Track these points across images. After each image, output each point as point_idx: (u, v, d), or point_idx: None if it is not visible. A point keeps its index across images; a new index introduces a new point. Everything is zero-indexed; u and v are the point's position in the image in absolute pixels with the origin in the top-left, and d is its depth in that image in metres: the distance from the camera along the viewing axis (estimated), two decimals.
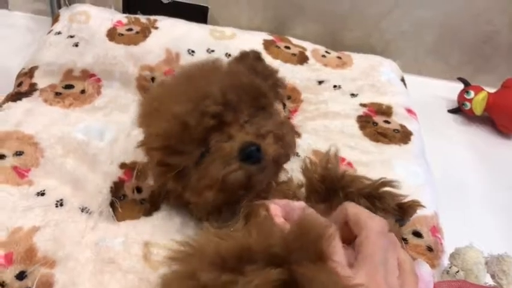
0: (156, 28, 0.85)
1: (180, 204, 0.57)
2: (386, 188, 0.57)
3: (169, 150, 0.51)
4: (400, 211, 0.58)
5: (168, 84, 0.56)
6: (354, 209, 0.43)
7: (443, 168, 0.80)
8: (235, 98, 0.51)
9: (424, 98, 0.95)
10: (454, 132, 0.90)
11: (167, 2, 0.64)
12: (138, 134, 0.67)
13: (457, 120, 0.92)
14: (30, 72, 0.75)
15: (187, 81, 0.54)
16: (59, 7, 0.90)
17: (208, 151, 0.50)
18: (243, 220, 0.49)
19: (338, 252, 0.38)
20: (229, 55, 0.84)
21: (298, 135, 0.65)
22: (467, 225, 0.72)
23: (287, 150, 0.54)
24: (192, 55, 0.82)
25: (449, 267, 0.58)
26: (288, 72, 0.84)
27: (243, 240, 0.37)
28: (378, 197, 0.56)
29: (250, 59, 0.62)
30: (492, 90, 0.90)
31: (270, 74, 0.62)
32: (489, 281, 0.55)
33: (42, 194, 0.59)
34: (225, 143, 0.49)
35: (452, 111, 0.93)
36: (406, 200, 0.59)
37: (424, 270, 0.50)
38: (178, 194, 0.54)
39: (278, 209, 0.48)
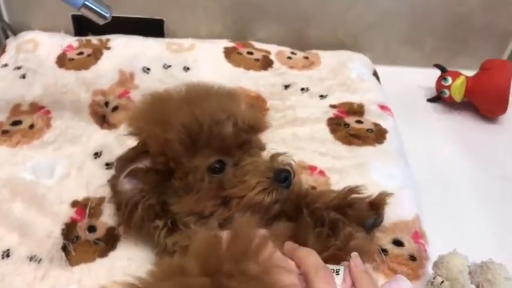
0: (109, 48, 0.81)
1: (147, 217, 0.51)
2: (354, 195, 0.56)
3: (189, 146, 0.49)
4: (373, 209, 0.56)
5: (183, 90, 0.53)
6: (287, 246, 0.46)
7: (426, 163, 0.75)
8: (258, 125, 0.53)
9: (401, 89, 0.90)
10: (436, 122, 0.85)
11: (103, 23, 0.58)
12: (91, 166, 0.64)
13: (437, 109, 0.87)
14: None
15: (210, 93, 0.53)
16: (6, 37, 0.85)
17: (227, 164, 0.50)
18: None
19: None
20: (188, 68, 0.80)
21: None
22: (457, 225, 0.67)
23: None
24: (148, 73, 0.78)
25: (434, 278, 0.53)
26: (251, 80, 0.79)
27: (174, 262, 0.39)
28: (348, 205, 0.55)
29: None
30: (472, 74, 0.85)
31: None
32: None
33: None
34: (259, 159, 0.51)
35: (431, 100, 0.88)
36: (374, 196, 0.57)
37: (400, 286, 0.46)
38: (153, 202, 0.50)
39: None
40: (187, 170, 0.50)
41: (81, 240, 0.56)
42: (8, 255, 0.54)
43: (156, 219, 0.51)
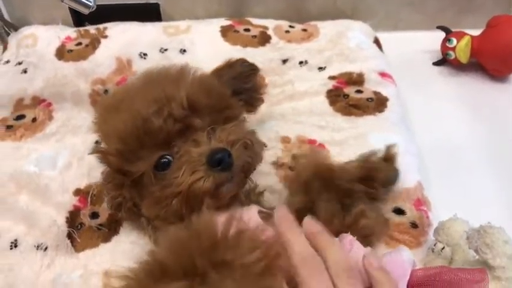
0: (106, 37, 0.81)
1: (132, 217, 0.53)
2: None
3: (127, 154, 0.48)
4: (389, 165, 0.55)
5: (131, 84, 0.53)
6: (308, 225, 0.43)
7: (434, 129, 0.74)
8: (203, 104, 0.49)
9: (405, 54, 0.87)
10: (443, 85, 0.83)
11: (88, 12, 0.59)
12: (92, 156, 0.65)
13: (444, 73, 0.84)
14: None
15: (152, 83, 0.51)
16: (8, 34, 0.87)
17: (171, 157, 0.47)
18: None
19: None
20: (184, 51, 0.79)
21: (265, 145, 0.61)
22: (466, 191, 0.65)
23: (255, 160, 0.51)
24: (145, 58, 0.78)
25: (434, 245, 0.53)
26: (249, 57, 0.77)
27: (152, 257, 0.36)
28: (374, 170, 0.53)
29: (240, 69, 0.60)
30: (479, 33, 0.82)
31: (256, 89, 0.61)
32: None
33: None
34: (193, 148, 0.46)
35: (437, 63, 0.86)
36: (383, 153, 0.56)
37: (402, 258, 0.46)
38: (131, 205, 0.51)
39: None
40: (136, 176, 0.49)
41: (85, 227, 0.58)
42: (15, 246, 0.56)
43: (142, 217, 0.52)
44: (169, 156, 0.48)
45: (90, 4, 0.58)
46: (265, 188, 0.57)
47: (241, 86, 0.58)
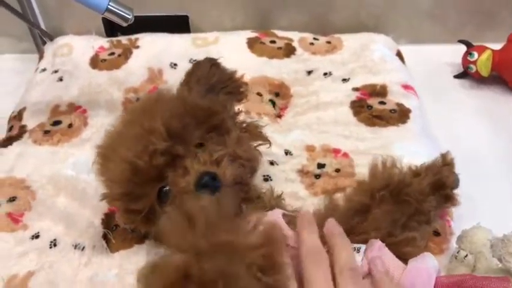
0: (138, 47, 0.85)
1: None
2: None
3: (129, 197, 0.50)
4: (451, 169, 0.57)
5: (117, 128, 0.54)
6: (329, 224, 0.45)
7: (455, 140, 0.75)
8: (181, 127, 0.49)
9: (427, 66, 0.90)
10: (464, 98, 0.84)
11: (126, 24, 0.62)
12: None
13: (465, 85, 0.86)
14: (19, 115, 0.76)
15: (133, 120, 0.52)
16: (44, 43, 0.91)
17: (167, 189, 0.49)
18: None
19: None
20: None
21: (269, 143, 0.61)
22: (487, 201, 0.66)
23: (249, 165, 0.52)
24: (175, 68, 0.81)
25: (457, 252, 0.54)
26: (275, 68, 0.81)
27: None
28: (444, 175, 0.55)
29: (203, 68, 0.60)
30: (500, 47, 0.84)
31: (229, 78, 0.61)
32: None
33: (36, 236, 0.60)
34: (181, 177, 0.47)
35: (458, 76, 0.87)
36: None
37: (427, 264, 0.47)
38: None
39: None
40: (145, 212, 0.50)
41: (119, 229, 0.60)
42: (55, 245, 0.59)
43: None
44: (168, 186, 0.49)
45: (129, 17, 0.61)
46: (282, 191, 0.58)
47: (209, 84, 0.58)
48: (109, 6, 0.59)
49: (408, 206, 0.51)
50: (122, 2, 0.62)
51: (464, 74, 0.87)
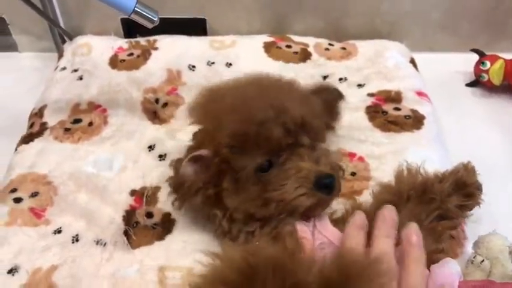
0: (156, 49, 0.86)
1: (206, 205, 0.55)
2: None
3: (237, 150, 0.51)
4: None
5: (242, 87, 0.56)
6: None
7: (466, 148, 0.76)
8: (311, 123, 0.52)
9: (440, 74, 0.91)
10: (475, 106, 0.86)
11: (152, 26, 0.63)
12: (146, 159, 0.69)
13: (477, 94, 0.88)
14: (40, 112, 0.78)
15: (267, 90, 0.54)
16: (63, 42, 0.92)
17: (273, 165, 0.51)
18: (270, 239, 0.50)
19: None
20: (230, 64, 0.84)
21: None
22: (497, 208, 0.67)
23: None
24: (193, 70, 0.82)
25: (474, 257, 0.56)
26: (291, 72, 0.82)
27: (276, 255, 0.38)
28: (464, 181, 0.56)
29: (327, 94, 0.64)
30: (510, 57, 0.86)
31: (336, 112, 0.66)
32: None
33: (59, 231, 0.61)
34: (302, 162, 0.50)
35: (470, 84, 0.89)
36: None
37: (450, 270, 0.48)
38: (212, 194, 0.54)
39: (307, 231, 0.49)
40: (236, 170, 0.52)
41: (140, 226, 0.61)
42: (77, 240, 0.60)
43: (215, 208, 0.54)
44: (272, 163, 0.51)
45: (155, 19, 0.63)
46: None
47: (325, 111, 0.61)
48: (136, 8, 0.61)
49: (433, 205, 0.53)
50: (147, 4, 0.63)
51: (476, 83, 0.88)
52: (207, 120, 0.56)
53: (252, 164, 0.51)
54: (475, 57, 0.88)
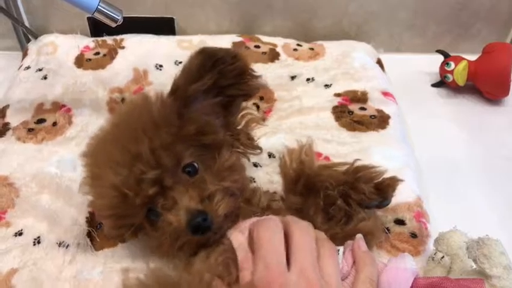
0: (123, 48, 0.85)
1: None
2: (360, 174, 0.55)
3: (116, 217, 0.51)
4: (379, 193, 0.55)
5: (102, 140, 0.51)
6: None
7: (432, 146, 0.78)
8: (169, 153, 0.47)
9: (406, 75, 0.93)
10: (440, 106, 0.87)
11: (115, 25, 0.63)
12: None
13: (442, 94, 0.90)
14: (2, 112, 0.76)
15: (117, 138, 0.49)
16: (28, 41, 0.90)
17: (156, 210, 0.48)
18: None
19: None
20: None
21: (261, 150, 0.62)
22: (462, 205, 0.69)
23: (238, 191, 0.52)
24: (160, 70, 0.82)
25: (434, 254, 0.56)
26: (259, 73, 0.82)
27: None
28: (353, 188, 0.54)
29: (223, 61, 0.52)
30: (475, 58, 0.88)
31: (242, 73, 0.54)
32: None
33: (20, 234, 0.60)
34: (170, 214, 0.47)
35: (435, 85, 0.91)
36: (384, 177, 0.55)
37: (405, 265, 0.49)
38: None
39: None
40: (129, 229, 0.51)
41: (103, 227, 0.60)
42: (39, 242, 0.59)
43: None
44: (156, 209, 0.49)
45: (118, 18, 0.62)
46: (268, 189, 0.60)
47: (208, 82, 0.51)
48: (99, 7, 0.60)
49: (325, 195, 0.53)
50: (111, 3, 0.62)
51: (441, 83, 0.90)
52: (88, 190, 0.54)
53: (137, 220, 0.50)
54: (440, 58, 0.90)
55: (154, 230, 0.50)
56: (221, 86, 0.53)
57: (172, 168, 0.48)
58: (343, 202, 0.53)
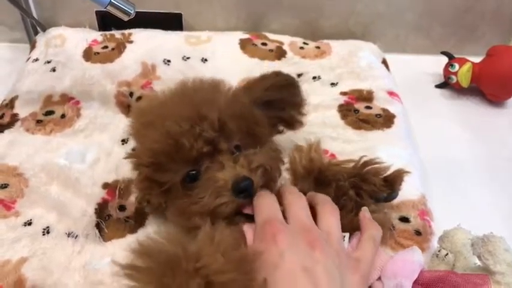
0: (131, 42, 0.86)
1: (158, 213, 0.58)
2: (370, 168, 0.57)
3: (158, 167, 0.52)
4: (387, 185, 0.57)
5: (166, 98, 0.55)
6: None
7: (435, 146, 0.79)
8: (232, 126, 0.52)
9: (411, 75, 0.94)
10: (444, 107, 0.88)
11: (127, 19, 0.63)
12: (119, 152, 0.69)
13: (445, 95, 0.91)
14: (10, 103, 0.76)
15: (186, 100, 0.53)
16: (36, 33, 0.91)
17: (199, 174, 0.51)
18: None
19: None
20: (206, 60, 0.84)
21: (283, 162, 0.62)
22: (464, 204, 0.70)
23: (274, 177, 0.54)
24: (168, 65, 0.82)
25: (439, 251, 0.57)
26: (266, 70, 0.82)
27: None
28: (363, 180, 0.55)
29: (280, 80, 0.61)
30: (479, 60, 0.88)
31: (295, 104, 0.62)
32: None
33: (29, 223, 0.60)
34: (219, 172, 0.49)
35: (439, 86, 0.92)
36: (390, 172, 0.57)
37: (413, 257, 0.50)
38: (159, 208, 0.55)
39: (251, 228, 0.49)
40: (162, 186, 0.52)
41: (112, 219, 0.61)
42: (48, 232, 0.59)
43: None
44: (197, 171, 0.51)
45: (131, 12, 0.62)
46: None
47: (275, 97, 0.59)
48: (112, 0, 0.61)
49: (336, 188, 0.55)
50: None
51: (445, 84, 0.91)
52: (134, 138, 0.58)
53: (175, 178, 0.51)
54: (445, 59, 0.91)
55: (187, 192, 0.51)
56: (276, 106, 0.60)
57: (228, 137, 0.52)
58: (354, 193, 0.55)
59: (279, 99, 0.60)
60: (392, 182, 0.57)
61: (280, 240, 0.43)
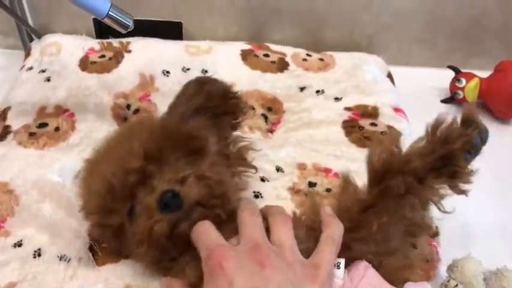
0: (129, 51, 0.83)
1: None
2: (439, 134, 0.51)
3: (102, 211, 0.51)
4: (466, 127, 0.52)
5: (104, 145, 0.55)
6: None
7: None
8: (157, 149, 0.50)
9: (415, 89, 0.91)
10: None
11: (125, 32, 0.61)
12: None
13: (452, 110, 0.88)
14: (3, 114, 0.74)
15: (116, 140, 0.55)
16: (31, 39, 0.88)
17: (136, 204, 0.50)
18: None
19: None
20: (206, 71, 0.82)
21: (255, 170, 0.61)
22: (471, 227, 0.68)
23: (218, 189, 0.50)
24: (167, 76, 0.80)
25: (448, 281, 0.56)
26: (268, 82, 0.81)
27: None
28: (449, 156, 0.51)
29: (191, 88, 0.59)
30: (486, 75, 0.86)
31: (223, 96, 0.59)
32: None
33: (19, 245, 0.58)
34: (147, 195, 0.48)
35: (445, 101, 0.89)
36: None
37: None
38: (121, 251, 0.56)
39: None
40: (115, 228, 0.52)
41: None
42: (39, 255, 0.57)
43: None
44: (134, 203, 0.50)
45: (129, 25, 0.60)
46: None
47: (197, 105, 0.57)
48: (109, 13, 0.58)
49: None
50: (122, 9, 0.60)
51: (450, 99, 0.89)
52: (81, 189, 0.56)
53: (120, 217, 0.50)
54: (451, 73, 0.88)
55: (132, 226, 0.50)
56: (209, 106, 0.58)
57: (158, 162, 0.50)
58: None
59: (201, 106, 0.58)
60: (469, 121, 0.52)
61: (227, 267, 0.41)
